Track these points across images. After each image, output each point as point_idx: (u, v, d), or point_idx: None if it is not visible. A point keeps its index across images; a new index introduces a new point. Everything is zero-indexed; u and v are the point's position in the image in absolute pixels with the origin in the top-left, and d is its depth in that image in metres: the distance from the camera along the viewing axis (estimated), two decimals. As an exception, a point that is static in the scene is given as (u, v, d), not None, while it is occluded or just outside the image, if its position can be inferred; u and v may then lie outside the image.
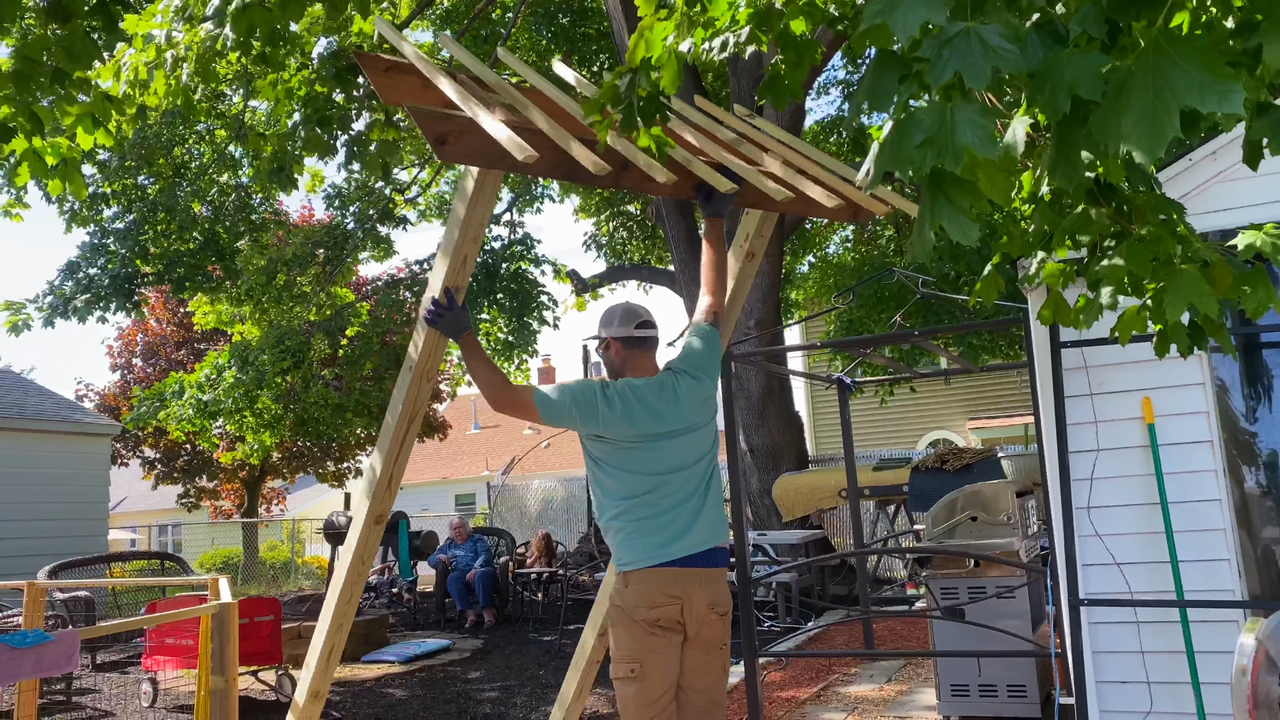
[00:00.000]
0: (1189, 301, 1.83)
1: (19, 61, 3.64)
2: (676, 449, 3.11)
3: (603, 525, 3.15)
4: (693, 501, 3.10)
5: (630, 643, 3.01)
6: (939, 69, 1.42)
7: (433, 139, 2.60)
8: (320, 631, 3.65)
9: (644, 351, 3.24)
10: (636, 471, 3.07)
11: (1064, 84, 1.41)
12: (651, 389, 3.10)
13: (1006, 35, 1.42)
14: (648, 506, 3.05)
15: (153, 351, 22.57)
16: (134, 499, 31.93)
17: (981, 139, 1.45)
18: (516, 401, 3.12)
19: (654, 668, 2.98)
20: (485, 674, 7.92)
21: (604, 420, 3.03)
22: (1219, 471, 4.05)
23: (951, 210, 1.55)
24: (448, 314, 3.16)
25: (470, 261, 3.18)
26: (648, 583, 3.01)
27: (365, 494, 3.50)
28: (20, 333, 11.30)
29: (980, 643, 5.21)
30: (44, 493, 12.28)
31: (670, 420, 3.09)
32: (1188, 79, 1.31)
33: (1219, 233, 3.93)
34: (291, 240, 13.20)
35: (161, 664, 6.86)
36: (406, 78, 3.04)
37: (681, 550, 3.03)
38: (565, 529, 16.70)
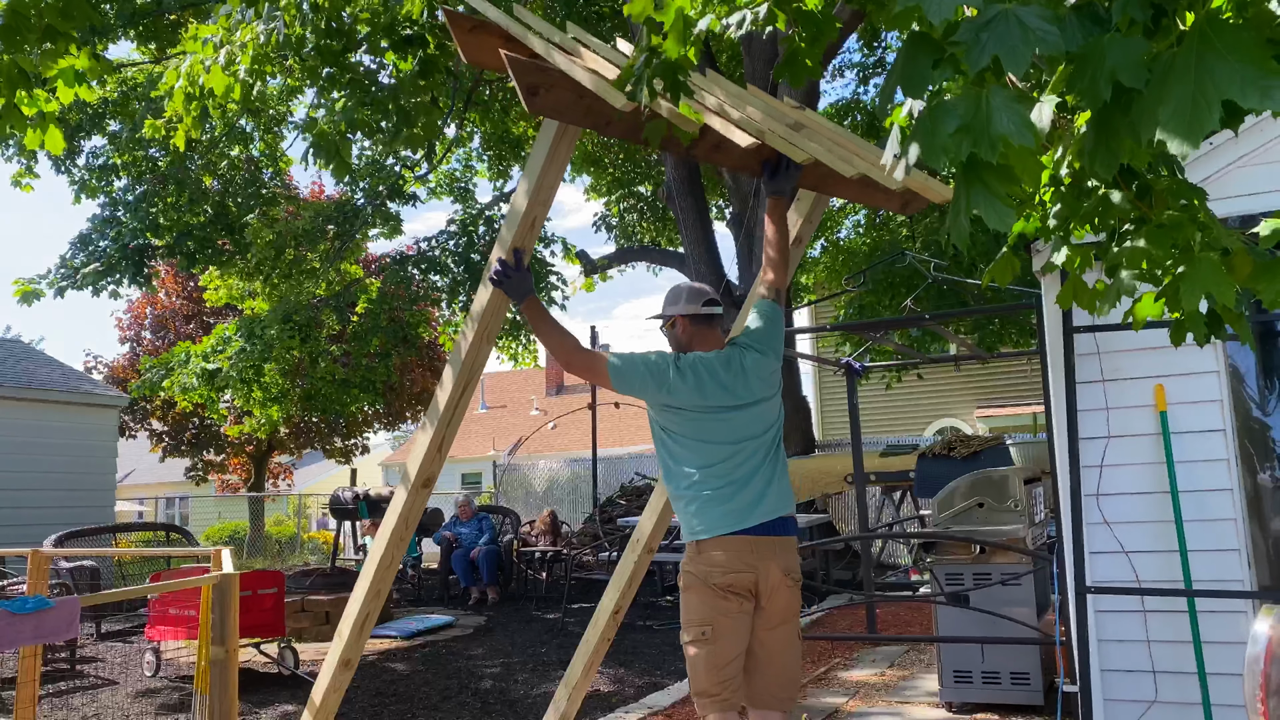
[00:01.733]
0: (1207, 290, 1.78)
1: (9, 17, 3.58)
2: (746, 420, 3.15)
3: (674, 495, 3.18)
4: (763, 471, 3.14)
5: (701, 607, 3.05)
6: (976, 53, 1.37)
7: (525, 88, 2.61)
8: (356, 598, 3.53)
9: (710, 328, 3.30)
10: (710, 441, 3.11)
11: (1105, 70, 1.35)
12: (720, 362, 3.15)
13: (1047, 17, 1.36)
14: (721, 476, 3.09)
15: (162, 324, 22.62)
16: (141, 471, 32.07)
17: (1019, 127, 1.40)
18: (590, 366, 3.15)
19: (725, 630, 3.01)
20: (487, 651, 7.93)
21: (675, 390, 3.08)
22: (1231, 461, 4.01)
23: (988, 196, 1.50)
24: (515, 275, 3.14)
25: (539, 224, 3.17)
26: (723, 549, 3.04)
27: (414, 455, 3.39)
28: (31, 302, 11.31)
29: (984, 629, 5.19)
30: (51, 463, 12.32)
31: (739, 393, 3.14)
32: (1230, 70, 1.27)
33: (1240, 218, 3.87)
34: (302, 215, 13.17)
35: (164, 634, 6.87)
36: (489, 38, 3.02)
37: (756, 518, 3.07)
38: (571, 509, 16.71)
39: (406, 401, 21.75)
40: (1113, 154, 1.56)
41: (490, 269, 3.17)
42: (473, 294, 13.14)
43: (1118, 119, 1.49)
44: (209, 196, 12.61)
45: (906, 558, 11.85)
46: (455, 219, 13.89)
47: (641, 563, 4.07)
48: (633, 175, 16.48)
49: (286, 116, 13.21)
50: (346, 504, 12.54)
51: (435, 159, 14.18)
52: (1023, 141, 1.43)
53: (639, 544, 4.07)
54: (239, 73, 6.56)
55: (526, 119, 15.25)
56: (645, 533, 4.05)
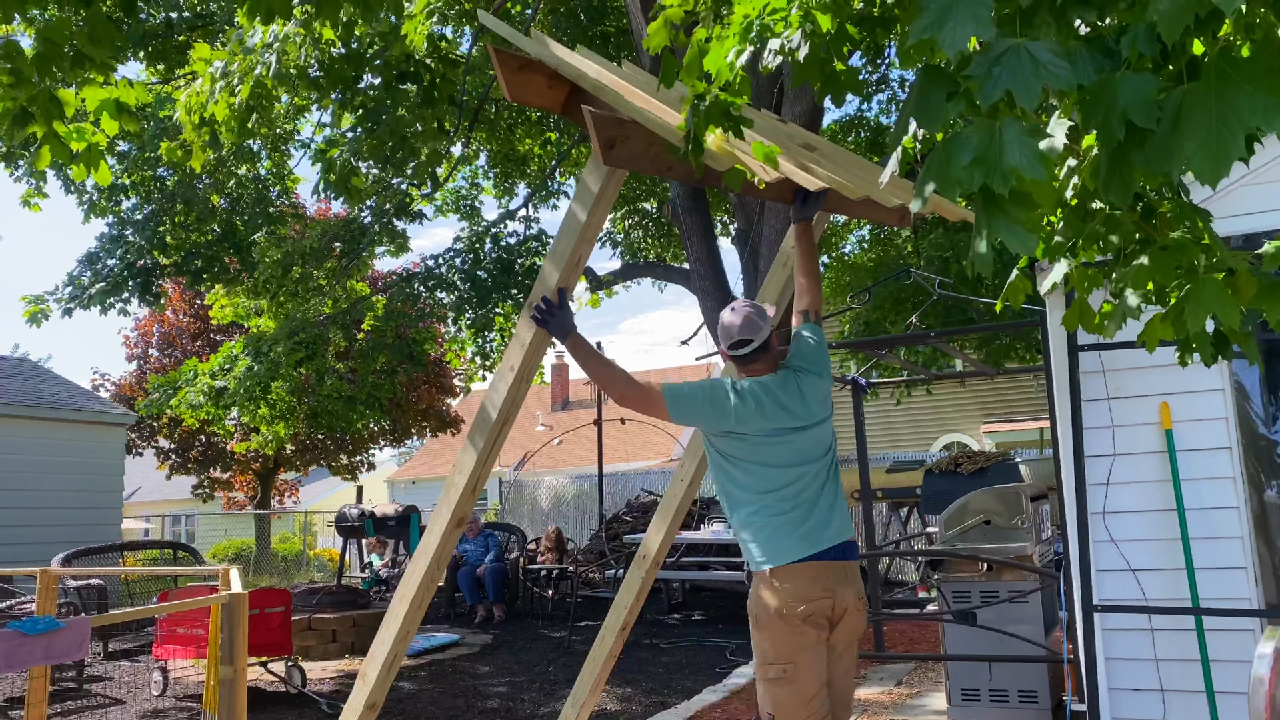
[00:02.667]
0: (1211, 311, 1.80)
1: (41, 44, 3.65)
2: (806, 442, 3.12)
3: (737, 524, 3.12)
4: (825, 494, 3.12)
5: (782, 643, 2.98)
6: (989, 87, 1.40)
7: (603, 143, 2.66)
8: (384, 639, 3.45)
9: (750, 364, 3.23)
10: (772, 465, 3.07)
11: (1117, 110, 1.39)
12: (777, 384, 3.12)
13: (1057, 52, 1.39)
14: (786, 501, 3.04)
15: (169, 342, 22.70)
16: (148, 489, 32.12)
17: (1030, 160, 1.42)
18: (645, 398, 3.09)
19: (807, 665, 2.96)
20: (494, 669, 7.93)
21: (736, 415, 3.04)
22: (1237, 478, 4.01)
23: (1009, 223, 1.52)
24: (558, 314, 3.12)
25: (583, 262, 3.17)
26: (799, 578, 2.98)
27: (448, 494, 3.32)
28: (40, 323, 11.36)
29: (992, 647, 5.18)
30: (59, 480, 12.36)
31: (799, 414, 3.10)
32: (1251, 101, 1.30)
33: (1244, 236, 3.88)
34: (309, 233, 13.23)
35: (172, 653, 6.88)
36: (535, 76, 3.05)
37: (825, 541, 3.03)
38: (577, 525, 16.70)
39: (412, 418, 21.78)
40: (1127, 185, 1.58)
41: (532, 308, 3.14)
42: (479, 311, 13.21)
43: (1133, 154, 1.51)
44: (216, 215, 12.69)
45: (914, 575, 11.83)
46: (462, 236, 13.95)
47: (648, 578, 4.08)
48: (637, 192, 16.52)
49: (293, 134, 13.29)
50: (353, 521, 12.55)
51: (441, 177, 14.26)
52: (1034, 175, 1.45)
53: (645, 559, 4.07)
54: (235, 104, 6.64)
55: (532, 137, 15.33)
56: (652, 548, 4.06)
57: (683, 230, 11.99)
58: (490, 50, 2.93)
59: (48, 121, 3.96)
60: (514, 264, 13.53)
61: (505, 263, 13.46)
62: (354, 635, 8.74)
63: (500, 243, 13.83)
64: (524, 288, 13.37)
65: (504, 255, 13.59)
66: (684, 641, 8.91)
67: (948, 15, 1.45)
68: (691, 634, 9.35)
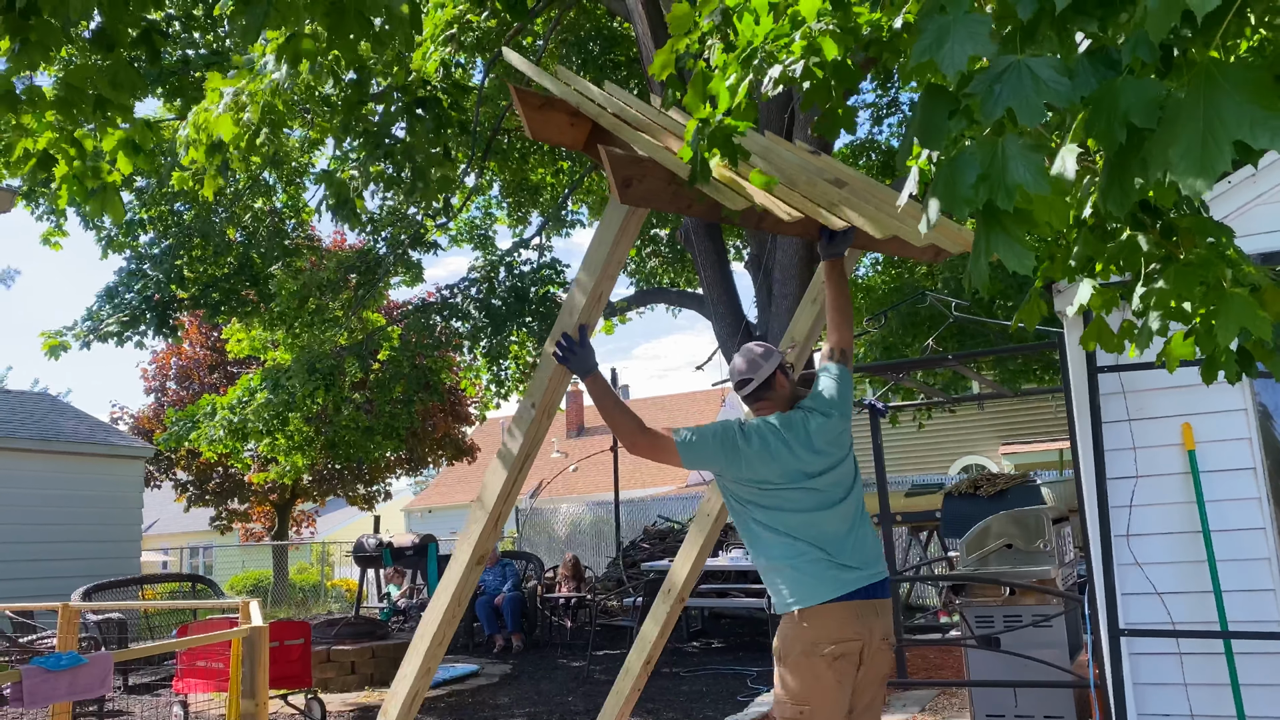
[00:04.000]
0: (1241, 326, 1.78)
1: (63, 89, 3.71)
2: (826, 485, 3.09)
3: (764, 566, 3.10)
4: (854, 534, 3.09)
5: (802, 682, 2.96)
6: (990, 105, 1.40)
7: (620, 181, 2.67)
8: (405, 675, 3.40)
9: (760, 401, 3.23)
10: (791, 509, 3.05)
11: (1119, 113, 1.37)
12: (783, 423, 3.09)
13: (1058, 68, 1.39)
14: (810, 543, 3.02)
15: (186, 375, 22.84)
16: (166, 521, 32.22)
17: (1035, 175, 1.42)
18: (655, 445, 3.09)
19: (823, 708, 2.94)
20: (513, 700, 7.88)
21: (745, 458, 3.02)
22: (1263, 499, 3.97)
23: (1007, 240, 1.52)
24: (580, 351, 3.11)
25: (605, 299, 3.18)
26: (829, 618, 2.96)
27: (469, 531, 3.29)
28: (58, 356, 11.47)
29: (1016, 672, 5.12)
30: (78, 514, 12.41)
31: (803, 455, 3.06)
32: (1239, 111, 1.27)
33: (1261, 255, 3.87)
34: (325, 264, 13.34)
35: (193, 687, 6.87)
36: (556, 114, 3.07)
37: (855, 583, 3.01)
38: (594, 553, 16.64)
39: (429, 447, 21.82)
40: (1126, 193, 1.57)
41: (553, 345, 3.14)
42: (494, 339, 13.26)
43: (1131, 158, 1.51)
44: (233, 248, 12.81)
45: (935, 599, 11.72)
46: (476, 265, 14.03)
47: (674, 612, 4.06)
48: (650, 219, 16.59)
49: (309, 168, 13.44)
50: (370, 551, 12.53)
51: (455, 208, 14.36)
52: (1039, 189, 1.45)
53: (670, 593, 4.05)
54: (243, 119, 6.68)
55: (545, 166, 15.43)
56: (678, 581, 4.04)
57: (696, 256, 12.02)
58: (512, 90, 2.95)
59: (68, 163, 4.03)
60: (528, 292, 13.58)
61: (519, 291, 13.52)
62: (373, 666, 8.71)
63: (514, 271, 13.89)
64: (538, 315, 13.42)
65: (518, 284, 13.66)
66: (704, 670, 8.84)
67: (946, 35, 1.46)
68: (712, 662, 9.28)
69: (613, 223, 3.03)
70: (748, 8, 2.00)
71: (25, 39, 3.22)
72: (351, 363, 12.63)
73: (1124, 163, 1.53)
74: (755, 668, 8.54)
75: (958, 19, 1.45)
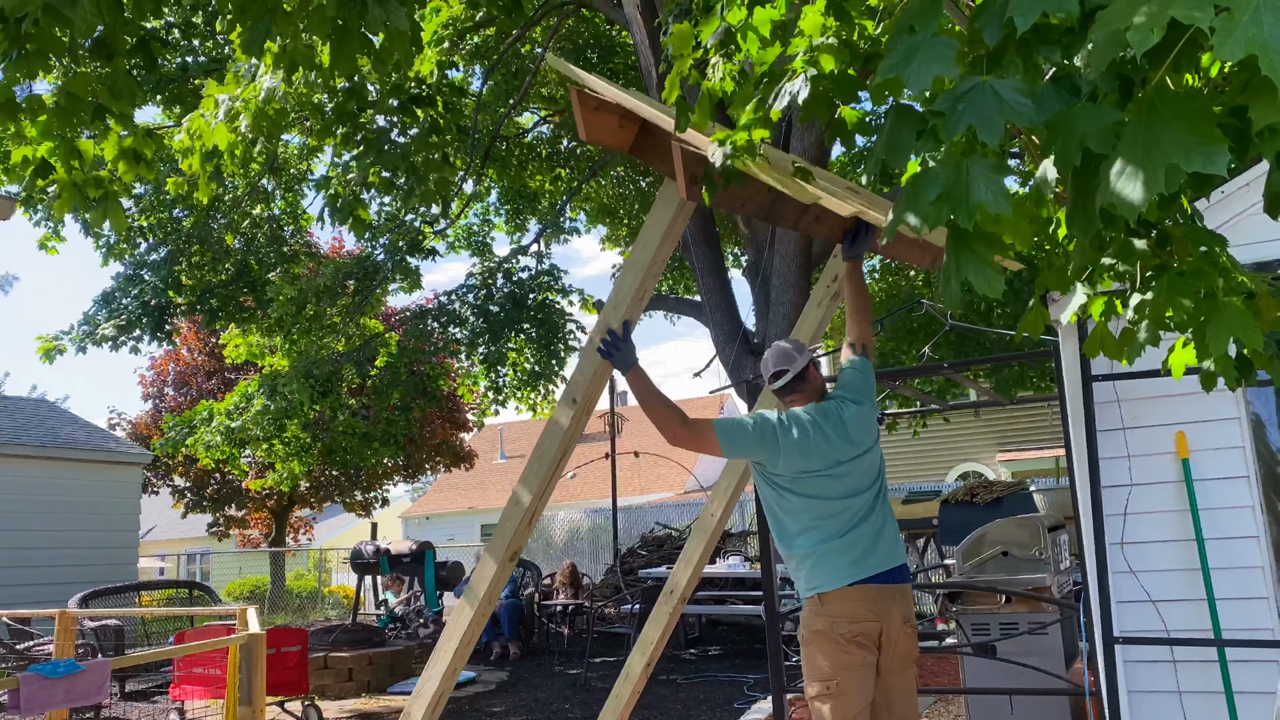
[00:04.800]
0: (1234, 334, 1.81)
1: (62, 97, 3.74)
2: (855, 472, 3.20)
3: (788, 552, 3.21)
4: (874, 520, 3.19)
5: (827, 661, 3.06)
6: (952, 123, 1.44)
7: (688, 178, 2.78)
8: (431, 676, 3.38)
9: (790, 395, 3.33)
10: (822, 496, 3.15)
11: (1075, 137, 1.42)
12: (819, 412, 3.21)
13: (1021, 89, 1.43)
14: (836, 530, 3.13)
15: (184, 381, 22.82)
16: (163, 527, 32.17)
17: (995, 195, 1.46)
18: (697, 436, 3.18)
19: (850, 684, 3.04)
20: (510, 707, 7.88)
21: (784, 447, 3.12)
22: (1256, 507, 3.99)
23: (976, 263, 1.57)
24: (623, 346, 3.19)
25: (648, 296, 3.26)
26: (848, 600, 3.07)
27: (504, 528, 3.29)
28: (53, 359, 11.47)
29: (1012, 680, 5.13)
30: (76, 520, 12.40)
31: (838, 444, 3.18)
32: (1175, 138, 1.32)
33: (1256, 264, 3.89)
34: (323, 271, 13.36)
35: (189, 693, 6.87)
36: (609, 117, 3.16)
37: (875, 567, 3.12)
38: (591, 560, 16.64)
39: (426, 454, 21.80)
40: (1090, 216, 1.61)
41: (597, 341, 3.21)
42: (492, 346, 13.27)
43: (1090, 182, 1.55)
44: (231, 255, 12.82)
45: (931, 607, 11.72)
46: (474, 272, 14.05)
47: (674, 614, 4.08)
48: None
49: (307, 175, 13.46)
50: (368, 558, 12.53)
51: (454, 213, 14.38)
52: (999, 209, 1.50)
53: (672, 595, 4.08)
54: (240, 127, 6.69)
55: (544, 173, 15.45)
56: (680, 584, 4.06)
57: (694, 263, 12.05)
58: (572, 92, 3.03)
59: (67, 171, 4.05)
60: (526, 299, 13.60)
61: (517, 298, 13.54)
62: (370, 673, 8.71)
63: (512, 278, 13.91)
64: (536, 322, 13.43)
65: (516, 290, 13.67)
66: (702, 676, 8.85)
67: (913, 55, 1.51)
68: (709, 669, 9.28)
69: (660, 221, 3.12)
70: (750, 25, 2.03)
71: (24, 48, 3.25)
72: (349, 369, 12.64)
73: (1084, 187, 1.57)
74: (752, 674, 8.55)
75: (925, 40, 1.49)
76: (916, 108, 1.67)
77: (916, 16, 1.49)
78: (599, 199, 16.32)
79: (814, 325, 3.95)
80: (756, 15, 2.21)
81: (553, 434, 3.25)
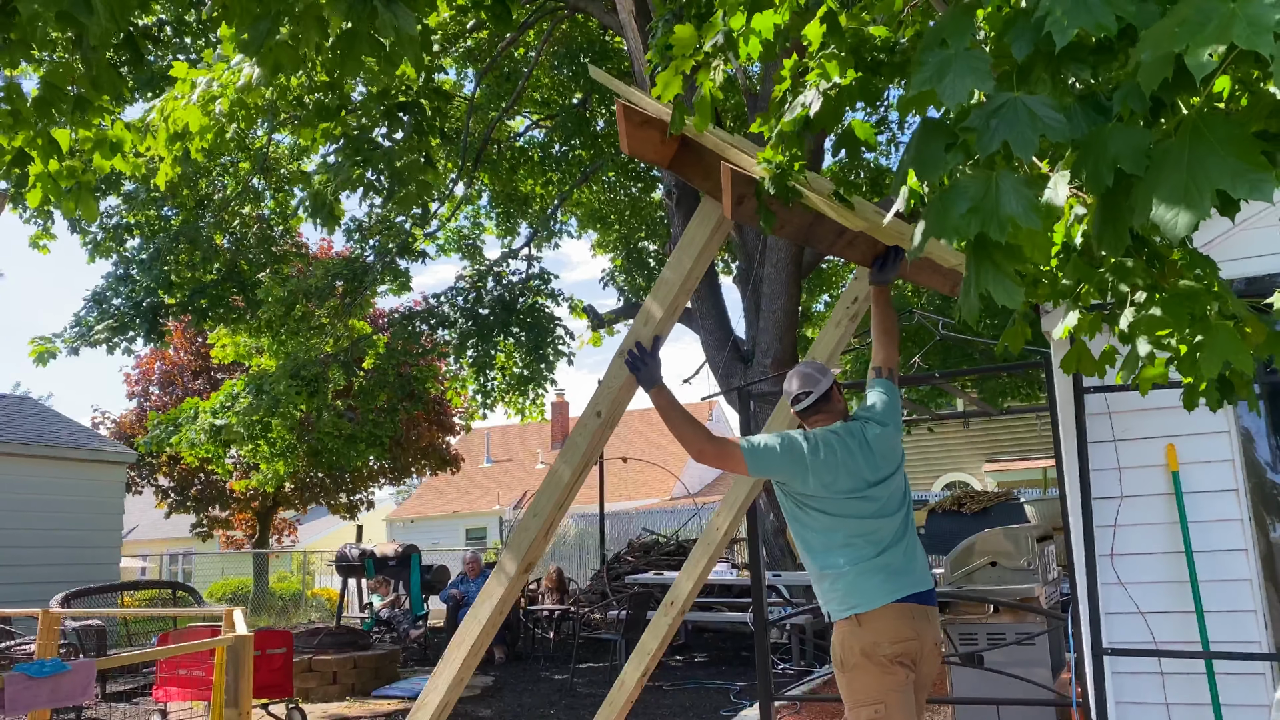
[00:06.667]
0: (1225, 358, 1.82)
1: (44, 89, 3.70)
2: (884, 495, 3.18)
3: (818, 574, 3.18)
4: (904, 541, 3.19)
5: (871, 684, 3.03)
6: (986, 139, 1.43)
7: (734, 198, 2.80)
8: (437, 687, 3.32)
9: (812, 415, 3.33)
10: (855, 516, 3.13)
11: (1108, 158, 1.42)
12: (845, 432, 3.21)
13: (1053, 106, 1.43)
14: (870, 550, 3.10)
15: (170, 380, 22.69)
16: (146, 527, 31.96)
17: (1026, 209, 1.46)
18: (722, 453, 3.17)
19: (897, 705, 3.01)
20: (495, 713, 7.85)
21: (813, 467, 3.10)
22: (1244, 520, 4.00)
23: (997, 275, 1.56)
24: (650, 362, 3.18)
25: (679, 311, 3.27)
26: (887, 620, 3.04)
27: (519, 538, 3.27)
28: (47, 363, 11.41)
29: (999, 690, 5.14)
30: (58, 519, 12.30)
31: (864, 464, 3.17)
32: (1221, 163, 1.32)
33: (1242, 280, 3.92)
34: (313, 272, 13.32)
35: (172, 695, 6.82)
36: (651, 132, 3.17)
37: (910, 587, 3.10)
38: (578, 566, 16.61)
39: (412, 456, 21.74)
40: (1119, 235, 1.62)
41: (626, 353, 3.21)
42: (480, 349, 13.24)
43: (1121, 202, 1.55)
44: (220, 254, 12.77)
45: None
46: (464, 275, 14.03)
47: (674, 624, 4.08)
48: (639, 232, 16.63)
49: (298, 175, 13.42)
50: (353, 561, 12.47)
51: (444, 216, 14.36)
52: (1030, 224, 1.49)
53: (673, 605, 4.07)
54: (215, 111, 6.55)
55: (535, 177, 15.43)
56: (682, 594, 4.06)
57: (685, 270, 12.04)
58: (619, 106, 3.03)
59: (44, 161, 4.01)
60: (516, 303, 13.59)
61: (507, 301, 13.53)
62: (355, 677, 8.66)
63: (502, 281, 13.89)
64: (525, 326, 13.41)
65: (506, 294, 13.66)
66: (688, 684, 8.83)
67: (947, 69, 1.50)
68: (695, 676, 9.27)
69: (696, 240, 3.14)
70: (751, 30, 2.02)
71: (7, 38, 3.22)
72: (336, 370, 12.60)
73: (1114, 205, 1.57)
74: (739, 682, 8.54)
75: (959, 54, 1.48)
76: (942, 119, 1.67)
77: (949, 30, 1.49)
78: (590, 204, 16.32)
79: (831, 345, 3.98)
80: (756, 20, 2.22)
81: (575, 445, 3.25)
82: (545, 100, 15.20)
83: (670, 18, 7.91)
